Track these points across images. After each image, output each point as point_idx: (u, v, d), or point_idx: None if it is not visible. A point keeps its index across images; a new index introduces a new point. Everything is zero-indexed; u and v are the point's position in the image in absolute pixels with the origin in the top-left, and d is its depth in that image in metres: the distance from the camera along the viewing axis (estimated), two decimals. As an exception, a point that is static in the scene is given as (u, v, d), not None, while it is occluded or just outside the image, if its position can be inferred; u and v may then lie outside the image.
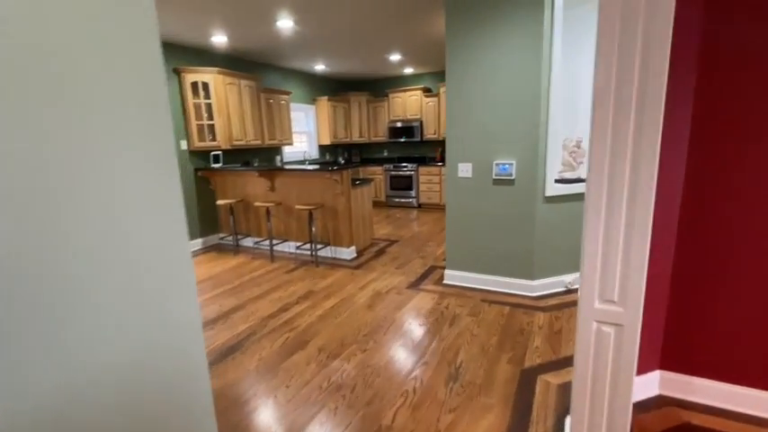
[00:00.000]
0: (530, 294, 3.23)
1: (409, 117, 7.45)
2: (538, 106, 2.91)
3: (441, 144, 7.59)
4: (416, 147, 7.90)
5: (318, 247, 4.54)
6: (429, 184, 7.25)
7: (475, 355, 2.37)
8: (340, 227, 4.38)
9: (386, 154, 8.29)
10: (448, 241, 3.49)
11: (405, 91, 7.37)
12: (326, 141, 7.32)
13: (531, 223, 3.12)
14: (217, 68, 4.79)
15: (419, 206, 7.50)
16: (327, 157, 7.81)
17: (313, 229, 4.19)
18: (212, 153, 5.05)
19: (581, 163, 3.30)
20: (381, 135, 7.85)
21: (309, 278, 3.83)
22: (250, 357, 2.45)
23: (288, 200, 4.65)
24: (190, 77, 4.72)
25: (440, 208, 7.29)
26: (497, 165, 3.12)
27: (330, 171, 4.07)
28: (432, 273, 3.85)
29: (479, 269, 3.41)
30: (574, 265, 3.33)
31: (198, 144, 4.88)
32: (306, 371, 2.27)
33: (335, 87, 7.85)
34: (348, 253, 4.40)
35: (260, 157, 6.06)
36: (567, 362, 2.26)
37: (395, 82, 7.84)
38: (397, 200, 7.64)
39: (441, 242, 4.95)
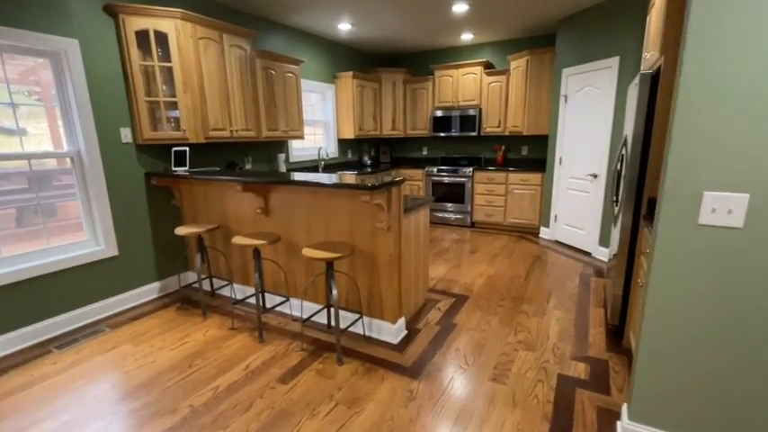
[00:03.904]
0: None
1: (463, 103, 5.46)
2: None
3: (506, 141, 5.59)
4: (470, 144, 5.91)
5: (343, 316, 2.65)
6: (489, 196, 5.27)
7: None
8: (381, 285, 2.47)
9: (425, 153, 6.33)
10: (642, 355, 1.54)
11: (457, 67, 5.38)
12: (350, 134, 5.40)
13: None
14: (181, 11, 2.91)
15: (472, 225, 5.54)
16: (350, 156, 5.89)
17: (334, 291, 2.28)
18: (174, 149, 3.18)
19: None
20: (422, 127, 5.89)
21: (324, 403, 1.93)
22: None
23: (291, 232, 2.76)
24: (135, 23, 2.85)
25: (504, 230, 5.31)
26: None
27: (370, 189, 2.15)
28: (573, 399, 1.91)
29: (732, 443, 1.45)
30: None
31: (151, 134, 3.02)
32: None
33: (363, 61, 5.90)
34: (393, 332, 2.49)
35: (254, 157, 4.18)
36: None
37: (443, 55, 5.85)
38: (441, 215, 5.69)
39: (541, 300, 3.00)
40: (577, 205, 4.33)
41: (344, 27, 4.52)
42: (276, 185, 2.73)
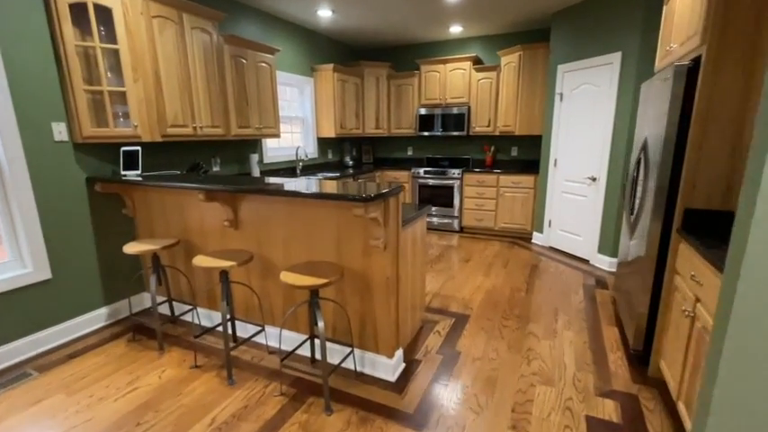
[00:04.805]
0: None
1: (450, 100, 5.14)
2: None
3: (496, 141, 5.32)
4: (458, 144, 5.61)
5: (331, 349, 2.24)
6: (479, 200, 4.99)
7: None
8: (375, 313, 2.09)
9: (410, 153, 5.98)
10: (713, 422, 1.24)
11: (445, 62, 5.05)
12: (330, 133, 4.97)
13: None
14: (128, -19, 2.41)
15: (461, 230, 5.24)
16: (330, 157, 5.45)
17: (320, 323, 1.88)
18: (123, 149, 2.67)
19: None
20: (407, 126, 5.53)
21: (314, 472, 1.54)
22: None
23: (267, 249, 2.32)
24: (68, -6, 2.33)
25: (495, 235, 5.03)
26: None
27: (364, 201, 1.76)
28: (610, 455, 1.60)
29: None
30: None
31: (93, 131, 2.49)
32: None
33: (344, 53, 5.48)
34: (390, 367, 2.11)
35: (223, 158, 3.69)
36: None
37: (430, 50, 5.51)
38: (428, 219, 5.36)
39: (548, 318, 2.70)
40: (574, 210, 4.10)
41: (324, 14, 4.09)
42: (246, 195, 2.28)
